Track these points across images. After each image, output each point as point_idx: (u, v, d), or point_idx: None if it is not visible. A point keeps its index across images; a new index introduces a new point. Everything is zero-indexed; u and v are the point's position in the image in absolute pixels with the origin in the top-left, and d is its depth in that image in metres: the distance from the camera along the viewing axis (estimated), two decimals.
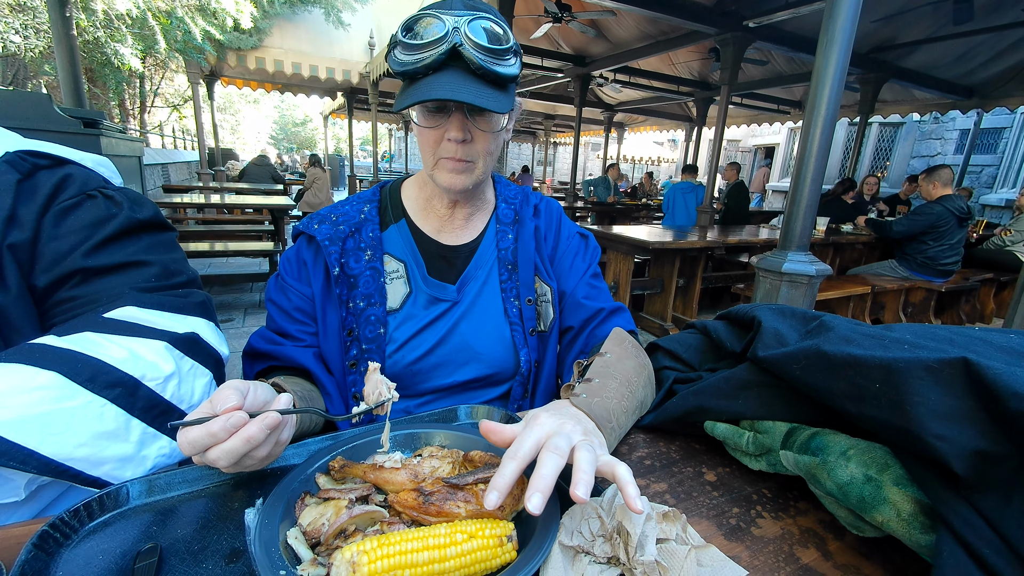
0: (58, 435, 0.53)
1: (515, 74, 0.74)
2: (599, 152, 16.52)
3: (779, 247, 2.36)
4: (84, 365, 0.57)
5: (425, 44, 0.69)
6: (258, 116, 34.53)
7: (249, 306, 4.60)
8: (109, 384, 0.58)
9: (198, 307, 0.74)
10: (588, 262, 0.96)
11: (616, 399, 0.64)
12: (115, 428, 0.57)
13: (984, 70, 6.38)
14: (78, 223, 0.68)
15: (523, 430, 0.50)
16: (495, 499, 0.43)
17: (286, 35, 8.13)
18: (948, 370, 0.42)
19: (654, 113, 11.10)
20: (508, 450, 0.48)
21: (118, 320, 0.64)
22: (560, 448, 0.47)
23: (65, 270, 0.66)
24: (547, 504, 0.49)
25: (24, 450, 0.51)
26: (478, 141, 0.77)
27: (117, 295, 0.67)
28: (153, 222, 0.76)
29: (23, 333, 0.63)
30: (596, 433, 0.56)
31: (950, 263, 4.33)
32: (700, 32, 5.24)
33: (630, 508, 0.43)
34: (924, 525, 0.44)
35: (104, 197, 0.72)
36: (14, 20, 7.59)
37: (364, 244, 0.85)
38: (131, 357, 0.60)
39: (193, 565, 0.45)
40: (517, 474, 0.46)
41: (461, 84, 0.69)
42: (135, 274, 0.71)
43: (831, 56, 2.03)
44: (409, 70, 0.70)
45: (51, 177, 0.69)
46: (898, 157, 12.45)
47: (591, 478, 0.44)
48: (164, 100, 14.72)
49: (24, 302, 0.64)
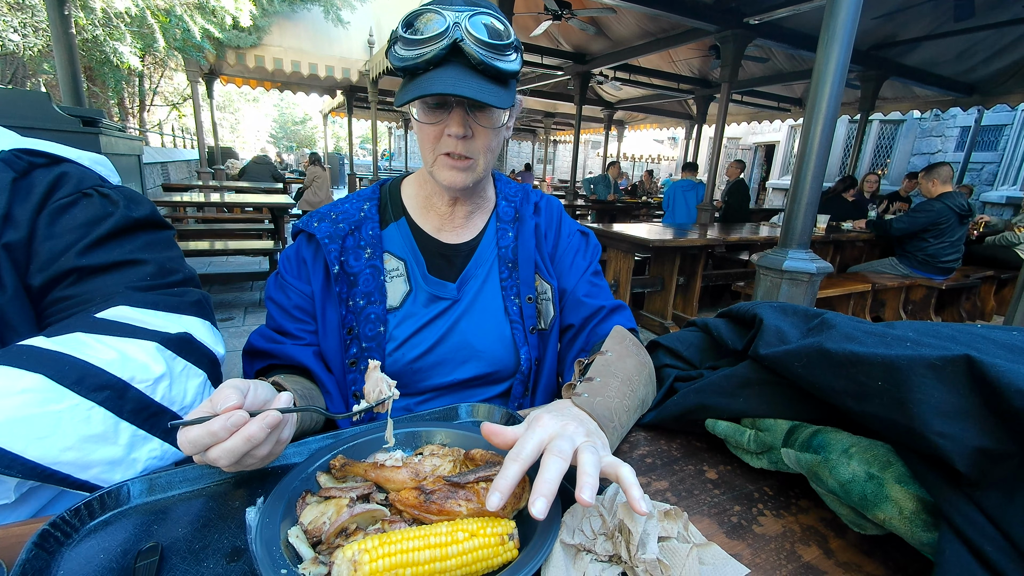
0: (44, 439, 0.52)
1: (516, 70, 0.73)
2: (599, 150, 16.50)
3: (780, 244, 2.36)
4: (71, 367, 0.56)
5: (425, 39, 0.69)
6: (257, 115, 34.49)
7: (249, 305, 4.60)
8: (97, 387, 0.57)
9: (193, 306, 0.73)
10: (589, 260, 0.96)
11: (618, 398, 0.64)
12: (103, 431, 0.57)
13: (985, 67, 6.36)
14: (73, 222, 0.68)
15: (525, 432, 0.50)
16: (497, 500, 0.43)
17: (285, 33, 8.11)
18: (951, 367, 0.42)
19: (654, 111, 11.08)
20: (511, 452, 0.48)
21: (110, 320, 0.63)
22: (563, 451, 0.46)
23: (60, 269, 0.65)
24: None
25: (9, 454, 0.50)
26: (479, 137, 0.77)
27: (111, 294, 0.67)
28: (149, 220, 0.76)
29: (20, 333, 0.63)
30: (599, 434, 0.56)
31: (951, 260, 4.33)
32: (700, 29, 5.22)
33: (635, 510, 0.43)
34: (926, 523, 0.44)
35: (100, 195, 0.72)
36: (12, 18, 7.57)
37: (364, 242, 0.85)
38: (120, 359, 0.60)
39: (194, 564, 0.45)
40: (520, 476, 0.46)
41: (462, 79, 0.69)
42: (130, 273, 0.70)
43: (832, 53, 2.03)
44: (409, 65, 0.70)
45: (47, 175, 0.68)
46: (898, 154, 12.42)
47: (596, 481, 0.44)
48: (163, 99, 14.70)
49: (20, 301, 0.63)
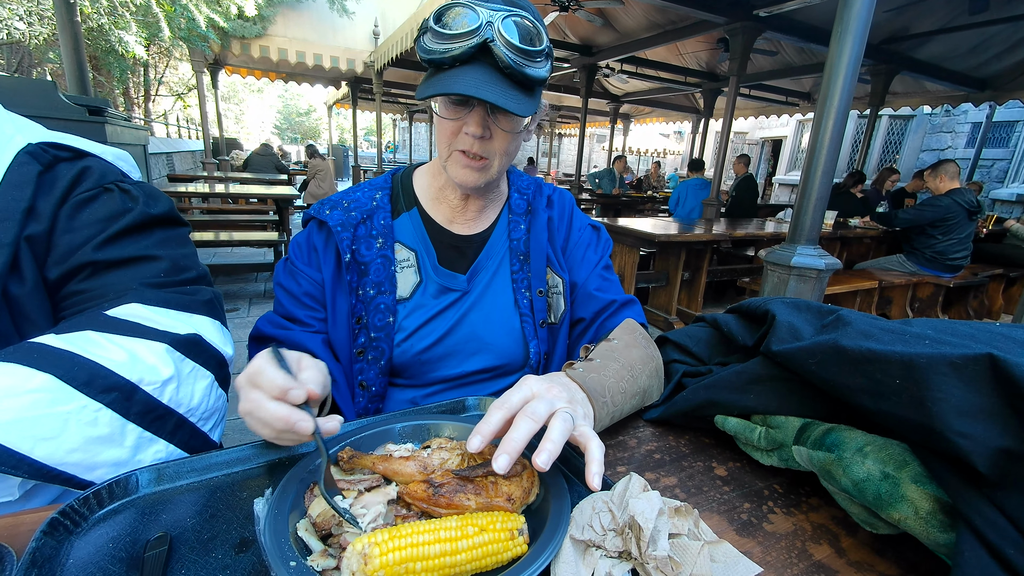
0: (50, 440, 0.52)
1: (544, 76, 0.72)
2: (604, 144, 16.39)
3: (788, 240, 2.34)
4: (81, 368, 0.56)
5: (456, 35, 0.67)
6: (262, 105, 34.48)
7: (254, 296, 4.62)
8: (105, 388, 0.57)
9: (204, 305, 0.73)
10: (600, 254, 0.95)
11: (614, 379, 0.64)
12: (109, 433, 0.56)
13: (998, 62, 6.26)
14: (93, 216, 0.68)
15: (513, 389, 0.52)
16: (478, 443, 0.47)
17: (290, 23, 8.07)
18: (973, 366, 0.41)
19: (661, 104, 10.98)
20: (495, 401, 0.51)
21: (121, 319, 0.63)
22: (536, 413, 0.48)
23: (76, 263, 0.66)
24: (558, 498, 0.49)
25: (16, 455, 0.50)
26: (497, 139, 0.76)
27: (124, 290, 0.67)
28: (167, 217, 0.76)
29: (38, 325, 0.63)
30: (584, 403, 0.57)
31: (959, 258, 4.29)
32: (709, 21, 5.15)
33: (587, 484, 0.45)
34: (943, 523, 0.44)
35: (120, 191, 0.72)
36: (18, 7, 7.56)
37: (376, 232, 0.85)
38: (130, 360, 0.59)
39: (203, 554, 0.45)
40: (502, 422, 0.49)
41: (486, 82, 0.67)
42: (144, 269, 0.70)
43: (845, 47, 2.00)
44: (436, 59, 0.69)
45: (70, 169, 0.69)
46: (908, 150, 12.28)
47: (557, 448, 0.45)
48: (168, 89, 14.70)
49: (39, 294, 0.64)
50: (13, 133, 0.67)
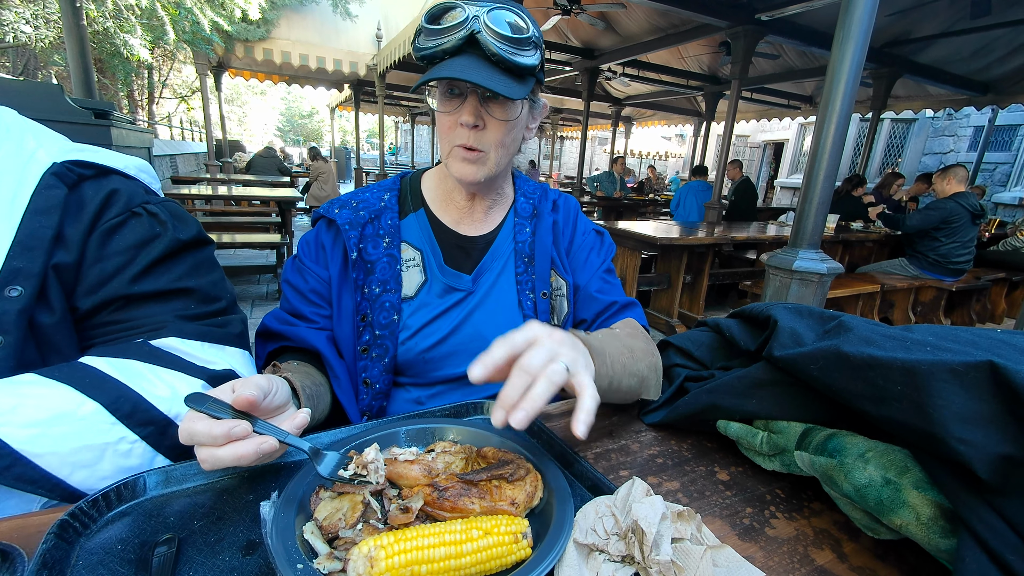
0: (87, 467, 0.55)
1: (532, 64, 0.74)
2: (606, 146, 16.41)
3: (790, 244, 2.34)
4: (126, 400, 0.58)
5: (445, 29, 0.71)
6: (265, 108, 34.60)
7: (256, 298, 4.63)
8: (144, 422, 0.59)
9: (236, 338, 0.75)
10: (603, 257, 0.97)
11: (615, 351, 0.65)
12: (139, 464, 0.58)
13: (1001, 65, 6.25)
14: (123, 243, 0.67)
15: (518, 330, 0.53)
16: (479, 371, 0.49)
17: (293, 26, 8.11)
18: (973, 373, 0.41)
19: (662, 107, 10.99)
20: (499, 339, 0.51)
21: (164, 351, 0.64)
22: (531, 367, 0.48)
23: (108, 296, 0.65)
24: (561, 502, 0.49)
25: (54, 479, 0.53)
26: (491, 130, 0.77)
27: (160, 323, 0.67)
28: (196, 240, 0.76)
29: (64, 354, 0.63)
30: (586, 355, 0.57)
31: (962, 261, 4.28)
32: (711, 25, 5.17)
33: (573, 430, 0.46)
34: (944, 529, 0.44)
35: (148, 215, 0.71)
36: (25, 9, 7.62)
37: (383, 231, 0.87)
38: (171, 396, 0.61)
39: (210, 556, 0.45)
40: (504, 356, 0.50)
41: (474, 67, 0.70)
42: (177, 302, 0.71)
43: (847, 50, 2.00)
44: (427, 54, 0.72)
45: (97, 192, 0.68)
46: (910, 154, 12.27)
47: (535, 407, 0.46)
48: (172, 91, 14.77)
49: (67, 324, 0.64)
50: (35, 148, 0.65)
